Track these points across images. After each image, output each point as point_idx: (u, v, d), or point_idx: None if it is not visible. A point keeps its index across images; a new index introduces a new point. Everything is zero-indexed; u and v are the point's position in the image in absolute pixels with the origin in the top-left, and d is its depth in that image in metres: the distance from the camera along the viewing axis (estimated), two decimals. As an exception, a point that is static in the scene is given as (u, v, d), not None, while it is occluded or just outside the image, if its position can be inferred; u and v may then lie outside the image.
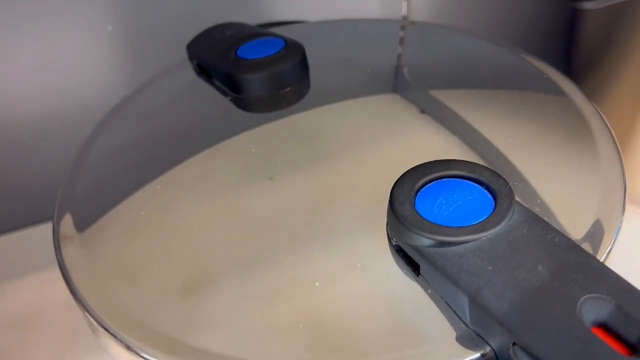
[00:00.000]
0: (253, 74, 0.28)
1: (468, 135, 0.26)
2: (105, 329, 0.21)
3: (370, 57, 0.33)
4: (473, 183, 0.21)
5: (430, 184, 0.21)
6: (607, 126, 0.27)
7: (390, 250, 0.22)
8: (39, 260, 0.42)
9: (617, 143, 0.26)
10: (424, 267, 0.20)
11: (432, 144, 0.26)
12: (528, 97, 0.29)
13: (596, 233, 0.22)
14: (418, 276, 0.21)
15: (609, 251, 0.21)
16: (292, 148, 0.26)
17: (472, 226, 0.20)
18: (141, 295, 0.21)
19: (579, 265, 0.18)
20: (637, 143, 0.42)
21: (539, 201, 0.23)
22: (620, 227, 0.22)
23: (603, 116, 0.27)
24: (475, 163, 0.22)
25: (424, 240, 0.20)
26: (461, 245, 0.19)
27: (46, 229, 0.42)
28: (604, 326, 0.17)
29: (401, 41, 0.35)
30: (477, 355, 0.18)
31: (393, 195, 0.21)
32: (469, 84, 0.30)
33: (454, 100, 0.29)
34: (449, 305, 0.19)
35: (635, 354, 0.16)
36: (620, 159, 0.25)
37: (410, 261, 0.21)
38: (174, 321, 0.20)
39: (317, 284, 0.21)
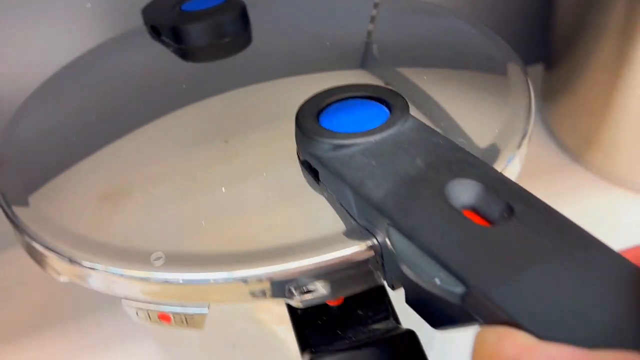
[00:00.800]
0: (192, 24, 0.30)
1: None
2: (28, 234, 0.22)
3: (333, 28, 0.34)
4: (373, 101, 0.23)
5: (335, 103, 0.23)
6: (526, 79, 0.28)
7: (301, 167, 0.23)
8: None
9: (531, 89, 0.27)
10: (321, 173, 0.21)
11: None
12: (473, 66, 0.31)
13: (492, 154, 0.23)
14: (319, 183, 0.22)
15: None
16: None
17: (363, 132, 0.21)
18: (64, 204, 0.23)
19: (455, 158, 0.19)
20: (612, 122, 0.44)
21: (447, 123, 0.24)
22: (516, 156, 0.24)
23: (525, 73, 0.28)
24: (376, 85, 0.23)
25: (321, 146, 0.21)
26: (352, 148, 0.21)
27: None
28: (472, 209, 0.18)
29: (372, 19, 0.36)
30: (365, 247, 0.20)
31: (299, 112, 0.23)
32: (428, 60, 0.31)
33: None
34: (341, 205, 0.21)
35: (492, 225, 0.17)
36: (530, 99, 0.26)
37: (312, 171, 0.22)
38: (91, 223, 0.22)
39: (223, 189, 0.22)
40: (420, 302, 0.19)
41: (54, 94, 0.30)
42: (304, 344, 0.22)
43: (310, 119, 0.22)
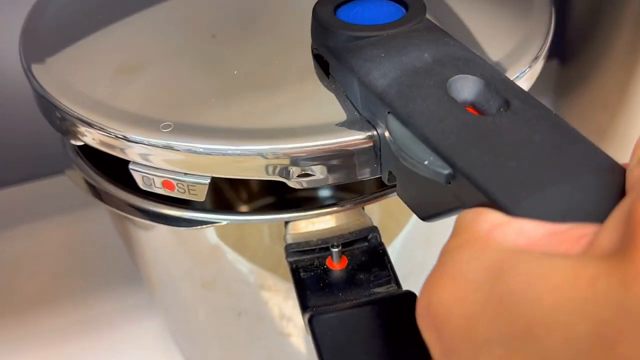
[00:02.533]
0: None
1: None
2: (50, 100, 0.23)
3: None
4: (391, 1, 0.23)
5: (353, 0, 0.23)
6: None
7: (313, 62, 0.23)
8: (37, 211, 0.46)
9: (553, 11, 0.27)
10: (332, 64, 0.22)
11: None
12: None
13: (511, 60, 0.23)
14: (328, 77, 0.22)
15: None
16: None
17: (377, 25, 0.21)
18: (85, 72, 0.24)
19: (462, 57, 0.20)
20: (626, 116, 0.43)
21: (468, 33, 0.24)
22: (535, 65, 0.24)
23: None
24: None
25: (334, 36, 0.21)
26: (364, 40, 0.21)
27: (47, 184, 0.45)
28: (472, 105, 0.19)
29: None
30: (364, 137, 0.20)
31: (317, 3, 0.23)
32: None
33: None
34: (347, 97, 0.21)
35: (494, 115, 0.18)
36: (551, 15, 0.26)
37: (323, 63, 0.22)
38: (108, 91, 0.23)
39: (235, 71, 0.23)
40: (411, 192, 0.20)
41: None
42: (305, 304, 0.23)
43: (327, 11, 0.22)
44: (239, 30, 0.25)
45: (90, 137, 0.22)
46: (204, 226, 0.24)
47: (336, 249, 0.23)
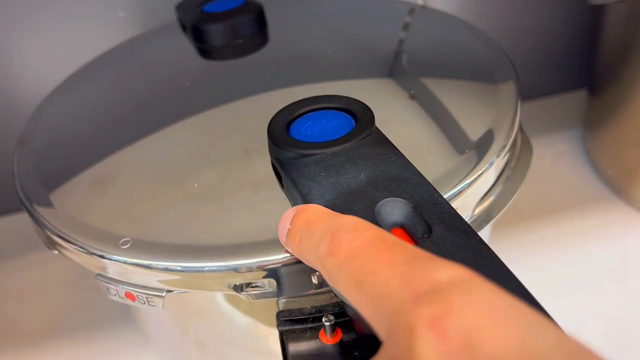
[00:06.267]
0: (210, 25, 0.32)
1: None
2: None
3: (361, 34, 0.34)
4: (343, 113, 0.24)
5: (308, 113, 0.24)
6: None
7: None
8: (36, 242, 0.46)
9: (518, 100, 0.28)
10: (283, 177, 0.23)
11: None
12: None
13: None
14: (282, 187, 0.23)
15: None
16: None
17: (323, 142, 0.22)
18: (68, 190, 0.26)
19: (398, 177, 0.20)
20: None
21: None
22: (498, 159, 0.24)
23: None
24: (346, 97, 0.24)
25: (284, 153, 0.22)
26: (310, 157, 0.22)
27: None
28: (401, 227, 0.19)
29: (405, 26, 0.36)
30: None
31: (271, 120, 0.24)
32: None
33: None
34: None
35: (415, 244, 0.18)
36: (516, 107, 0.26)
37: (277, 175, 0.23)
38: (81, 206, 0.24)
39: (195, 185, 0.24)
40: (351, 310, 0.20)
41: (79, 85, 0.33)
42: None
43: (280, 128, 0.23)
44: (208, 143, 0.27)
45: (61, 249, 0.24)
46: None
47: (329, 323, 0.22)
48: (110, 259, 0.22)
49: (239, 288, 0.22)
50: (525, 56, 0.52)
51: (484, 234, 0.32)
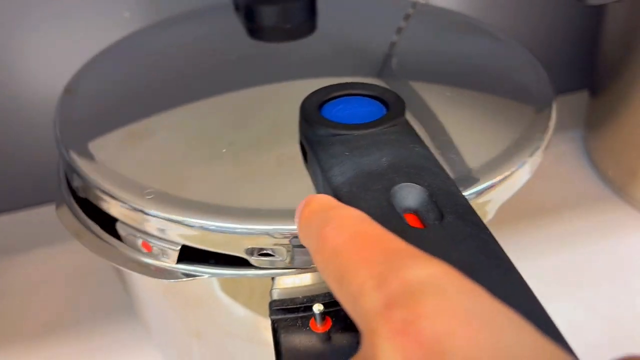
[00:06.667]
0: (260, 6, 0.33)
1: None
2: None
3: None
4: (376, 100, 0.24)
5: (341, 97, 0.25)
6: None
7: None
8: (51, 236, 0.47)
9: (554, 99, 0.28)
10: (308, 153, 0.23)
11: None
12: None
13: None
14: (306, 164, 0.24)
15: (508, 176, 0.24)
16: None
17: (352, 124, 0.23)
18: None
19: (419, 166, 0.21)
20: None
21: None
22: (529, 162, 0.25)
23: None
24: (382, 87, 0.25)
25: (312, 130, 0.23)
26: (337, 137, 0.22)
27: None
28: (414, 212, 0.19)
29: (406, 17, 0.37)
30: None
31: (305, 99, 0.25)
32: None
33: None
34: (316, 184, 0.23)
35: (425, 227, 0.18)
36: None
37: (303, 151, 0.24)
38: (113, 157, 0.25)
39: (224, 150, 0.25)
40: None
41: (126, 50, 0.34)
42: None
43: (312, 106, 0.24)
44: (241, 116, 0.28)
45: (87, 192, 0.25)
46: (186, 279, 0.25)
47: (319, 311, 0.23)
48: (132, 207, 0.23)
49: (250, 252, 0.22)
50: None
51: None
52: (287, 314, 0.24)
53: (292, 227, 0.22)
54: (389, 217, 0.18)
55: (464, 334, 0.11)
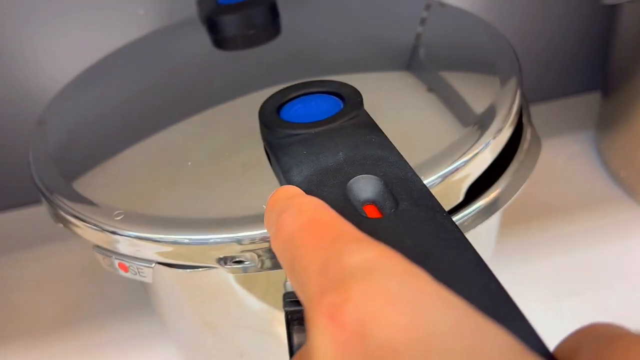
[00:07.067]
0: (222, 16, 0.33)
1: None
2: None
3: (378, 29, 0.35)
4: (333, 96, 0.24)
5: (299, 97, 0.25)
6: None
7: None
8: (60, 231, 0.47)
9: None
10: (271, 157, 0.23)
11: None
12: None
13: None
14: (271, 166, 0.24)
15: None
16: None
17: (309, 123, 0.23)
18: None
19: (375, 156, 0.21)
20: None
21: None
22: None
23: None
24: (336, 81, 0.25)
25: (271, 133, 0.23)
26: (295, 137, 0.22)
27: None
28: (372, 203, 0.19)
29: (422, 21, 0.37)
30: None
31: (263, 103, 0.25)
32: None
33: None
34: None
35: (382, 217, 0.18)
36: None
37: (267, 154, 0.24)
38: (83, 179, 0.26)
39: (189, 163, 0.25)
40: None
41: (95, 76, 0.35)
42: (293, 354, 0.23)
43: (270, 110, 0.24)
44: (206, 127, 0.28)
45: (64, 222, 0.25)
46: (200, 269, 0.24)
47: None
48: (104, 230, 0.23)
49: (222, 261, 0.22)
50: (538, 58, 0.52)
51: (492, 227, 0.32)
52: (301, 306, 0.23)
53: (262, 232, 0.22)
54: (344, 210, 0.18)
55: (387, 316, 0.11)
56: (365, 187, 0.20)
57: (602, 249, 0.41)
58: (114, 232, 0.23)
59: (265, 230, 0.22)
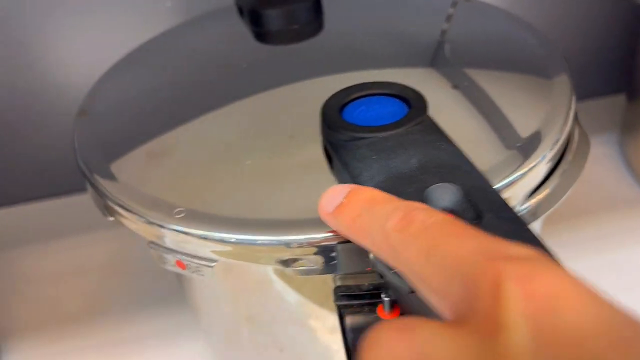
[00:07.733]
0: (266, 9, 0.33)
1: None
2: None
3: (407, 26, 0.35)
4: (396, 99, 0.24)
5: (361, 98, 0.25)
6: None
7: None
8: (83, 224, 0.47)
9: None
10: (334, 159, 0.23)
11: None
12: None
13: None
14: (332, 169, 0.24)
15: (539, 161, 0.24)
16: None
17: (375, 127, 0.23)
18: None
19: (449, 164, 0.21)
20: None
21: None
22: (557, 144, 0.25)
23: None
24: (401, 84, 0.24)
25: (336, 135, 0.23)
26: (362, 140, 0.22)
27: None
28: (450, 212, 0.19)
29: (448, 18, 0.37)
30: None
31: (325, 103, 0.24)
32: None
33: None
34: None
35: None
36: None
37: (328, 157, 0.24)
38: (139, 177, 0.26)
39: (248, 162, 0.25)
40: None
41: (136, 63, 0.34)
42: (351, 356, 0.23)
43: (333, 110, 0.24)
44: (261, 123, 0.27)
45: (118, 216, 0.25)
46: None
47: (388, 298, 0.22)
48: (164, 227, 0.23)
49: (285, 263, 0.22)
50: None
51: (535, 228, 0.32)
52: (353, 300, 0.24)
53: (326, 235, 0.22)
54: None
55: (574, 298, 0.12)
56: (443, 195, 0.19)
57: (627, 251, 0.41)
58: (176, 230, 0.23)
59: (326, 234, 0.22)
